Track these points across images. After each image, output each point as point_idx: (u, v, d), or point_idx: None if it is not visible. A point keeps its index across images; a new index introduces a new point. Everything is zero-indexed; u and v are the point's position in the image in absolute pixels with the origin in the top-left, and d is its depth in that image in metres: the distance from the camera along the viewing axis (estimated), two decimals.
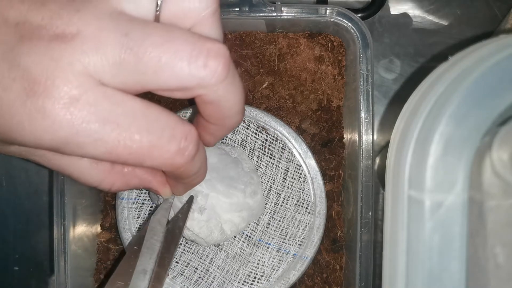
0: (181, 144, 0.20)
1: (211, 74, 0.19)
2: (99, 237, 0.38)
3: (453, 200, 0.19)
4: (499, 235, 0.20)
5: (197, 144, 0.21)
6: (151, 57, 0.18)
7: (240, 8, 0.33)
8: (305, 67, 0.37)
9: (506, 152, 0.19)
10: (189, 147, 0.21)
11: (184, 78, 0.19)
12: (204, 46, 0.19)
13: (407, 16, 0.42)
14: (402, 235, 0.21)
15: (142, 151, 0.19)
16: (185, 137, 0.20)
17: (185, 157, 0.21)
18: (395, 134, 0.22)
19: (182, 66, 0.19)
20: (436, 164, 0.20)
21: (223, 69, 0.20)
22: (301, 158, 0.35)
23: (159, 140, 0.20)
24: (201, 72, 0.19)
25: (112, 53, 0.18)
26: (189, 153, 0.21)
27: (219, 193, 0.31)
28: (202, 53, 0.19)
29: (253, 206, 0.33)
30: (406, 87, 0.41)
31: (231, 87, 0.21)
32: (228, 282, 0.35)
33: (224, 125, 0.23)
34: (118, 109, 0.19)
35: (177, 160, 0.20)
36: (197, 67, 0.19)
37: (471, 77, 0.19)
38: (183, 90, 0.20)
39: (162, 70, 0.19)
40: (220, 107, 0.21)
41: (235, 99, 0.21)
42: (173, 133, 0.20)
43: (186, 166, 0.21)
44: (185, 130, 0.20)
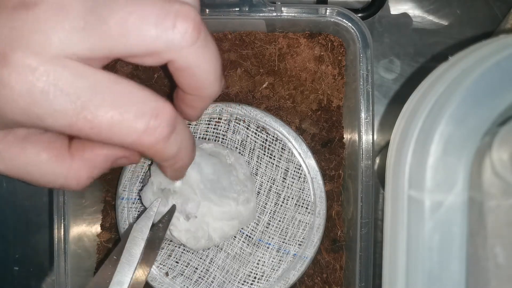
0: (150, 123, 0.19)
1: (179, 35, 0.18)
2: (99, 237, 0.38)
3: (453, 200, 0.19)
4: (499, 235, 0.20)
5: (171, 123, 0.19)
6: (117, 19, 0.18)
7: (240, 8, 0.33)
8: (305, 67, 0.37)
9: (506, 152, 0.19)
10: (160, 126, 0.19)
11: (152, 41, 0.18)
12: (172, 7, 0.18)
13: (407, 16, 0.42)
14: (402, 235, 0.21)
15: (105, 127, 0.18)
16: (155, 115, 0.19)
17: (154, 137, 0.19)
18: (395, 134, 0.22)
19: (149, 28, 0.18)
20: (436, 164, 0.20)
21: (193, 31, 0.19)
22: (301, 158, 0.35)
23: (124, 116, 0.18)
24: (169, 33, 0.18)
25: (75, 17, 0.17)
26: (160, 133, 0.19)
27: (211, 202, 0.31)
28: (170, 14, 0.18)
29: (244, 214, 0.33)
30: (406, 87, 0.41)
31: (203, 52, 0.19)
32: (228, 282, 0.35)
33: (201, 95, 0.22)
34: (79, 81, 0.18)
35: (145, 140, 0.19)
36: (164, 28, 0.18)
37: (471, 77, 0.19)
38: (152, 55, 0.19)
39: (128, 33, 0.18)
40: (193, 75, 0.20)
41: (209, 66, 0.20)
42: (142, 109, 0.18)
43: (157, 148, 0.20)
44: (156, 107, 0.19)
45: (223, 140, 0.36)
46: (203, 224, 0.32)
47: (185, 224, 0.31)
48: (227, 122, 0.36)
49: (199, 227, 0.32)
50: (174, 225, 0.31)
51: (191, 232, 0.32)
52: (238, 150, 0.36)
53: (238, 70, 0.37)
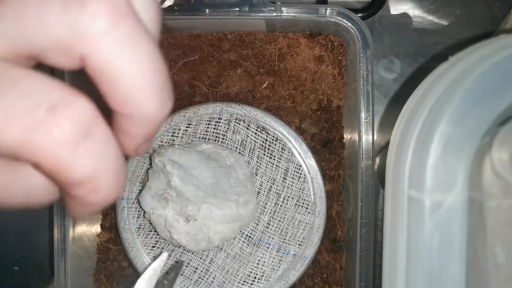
0: (46, 116, 0.13)
1: (89, 18, 0.13)
2: (99, 237, 0.38)
3: (453, 200, 0.19)
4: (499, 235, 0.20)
5: (80, 124, 0.13)
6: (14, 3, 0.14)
7: (240, 8, 0.33)
8: (305, 67, 0.37)
9: (506, 152, 0.19)
10: (62, 123, 0.13)
11: (55, 26, 0.14)
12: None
13: (407, 16, 0.42)
14: (402, 235, 0.21)
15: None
16: (54, 107, 0.13)
17: (50, 137, 0.13)
18: (395, 134, 0.22)
19: (52, 9, 0.13)
20: (436, 164, 0.20)
21: (108, 15, 0.14)
22: (301, 158, 0.35)
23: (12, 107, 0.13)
24: (76, 14, 0.13)
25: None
26: (60, 134, 0.13)
27: (211, 205, 0.31)
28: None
29: (245, 215, 0.33)
30: (406, 87, 0.41)
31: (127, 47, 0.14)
32: (228, 282, 0.35)
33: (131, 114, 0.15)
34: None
35: (35, 139, 0.13)
36: (70, 8, 0.13)
37: (471, 77, 0.19)
38: (62, 49, 0.14)
39: (27, 17, 0.14)
40: (113, 79, 0.14)
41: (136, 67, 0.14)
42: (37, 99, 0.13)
43: (57, 157, 0.13)
44: (59, 98, 0.13)
45: (223, 140, 0.36)
46: (203, 227, 0.32)
47: (184, 226, 0.31)
48: (227, 122, 0.36)
49: (199, 230, 0.32)
50: (174, 228, 0.31)
51: (191, 234, 0.32)
52: (238, 150, 0.36)
53: (238, 70, 0.37)
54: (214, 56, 0.38)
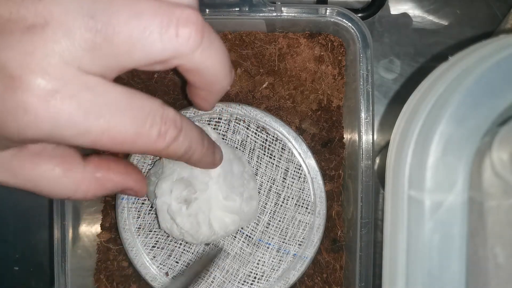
0: (161, 129, 0.20)
1: (184, 42, 0.19)
2: (99, 237, 0.38)
3: (453, 200, 0.19)
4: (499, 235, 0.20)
5: (177, 126, 0.21)
6: (121, 37, 0.18)
7: (240, 8, 0.33)
8: (305, 67, 0.37)
9: (506, 152, 0.19)
10: (169, 131, 0.21)
11: (158, 52, 0.19)
12: (173, 15, 0.19)
13: (407, 16, 0.42)
14: (402, 235, 0.21)
15: (126, 140, 0.19)
16: (164, 122, 0.21)
17: (166, 140, 0.21)
18: (395, 134, 0.22)
19: (154, 40, 0.18)
20: (436, 164, 0.20)
21: (196, 36, 0.19)
22: (301, 158, 0.35)
23: (142, 128, 0.20)
24: (173, 42, 0.19)
25: (82, 38, 0.17)
26: (170, 136, 0.21)
27: (219, 188, 0.31)
28: (172, 23, 0.19)
29: (247, 212, 0.33)
30: (406, 87, 0.41)
31: (208, 53, 0.20)
32: (228, 282, 0.35)
33: (212, 90, 0.23)
34: (100, 99, 0.18)
35: (159, 144, 0.21)
36: (168, 38, 0.19)
37: (471, 77, 0.19)
38: (160, 63, 0.20)
39: (135, 48, 0.18)
40: (202, 74, 0.21)
41: (216, 64, 0.21)
42: (154, 118, 0.20)
43: (170, 149, 0.21)
44: (163, 114, 0.21)
45: (223, 140, 0.36)
46: (204, 207, 0.32)
47: (186, 212, 0.31)
48: (227, 122, 0.36)
49: (199, 210, 0.32)
50: (177, 213, 0.31)
51: (192, 216, 0.31)
52: (238, 150, 0.36)
53: (238, 70, 0.37)
54: None
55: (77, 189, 0.22)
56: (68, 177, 0.22)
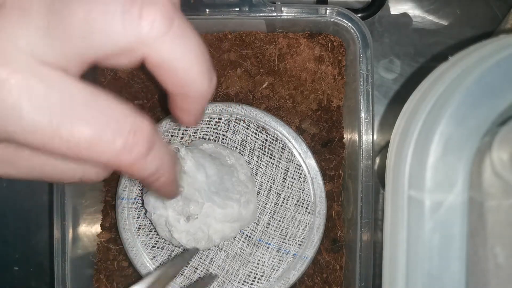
0: (128, 140, 0.17)
1: (148, 25, 0.17)
2: (99, 237, 0.38)
3: (453, 200, 0.19)
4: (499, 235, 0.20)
5: (149, 140, 0.18)
6: (78, 17, 0.16)
7: (240, 8, 0.33)
8: (305, 67, 0.37)
9: (506, 152, 0.19)
10: (138, 144, 0.18)
11: (119, 37, 0.17)
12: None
13: (407, 16, 0.42)
14: (402, 235, 0.21)
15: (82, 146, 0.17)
16: (133, 132, 0.17)
17: (133, 155, 0.18)
18: (395, 134, 0.22)
19: (114, 22, 0.16)
20: (436, 164, 0.20)
21: (162, 19, 0.17)
22: (301, 158, 0.35)
23: (102, 134, 0.17)
24: (136, 24, 0.16)
25: (38, 19, 0.16)
26: (138, 151, 0.18)
27: (214, 203, 0.31)
28: (135, 3, 0.16)
29: (245, 216, 0.33)
30: (406, 87, 0.41)
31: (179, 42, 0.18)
32: (228, 282, 0.35)
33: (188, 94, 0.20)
34: (54, 94, 0.16)
35: (123, 158, 0.18)
36: (130, 19, 0.16)
37: (471, 77, 0.19)
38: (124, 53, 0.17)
39: (93, 31, 0.16)
40: (172, 70, 0.18)
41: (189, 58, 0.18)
42: (120, 126, 0.17)
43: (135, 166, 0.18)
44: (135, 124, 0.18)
45: (223, 140, 0.36)
46: (203, 226, 0.32)
47: (185, 225, 0.31)
48: (227, 122, 0.36)
49: (198, 228, 0.32)
50: (174, 227, 0.31)
51: (191, 233, 0.32)
52: (238, 150, 0.36)
53: (238, 70, 0.37)
54: (214, 56, 0.38)
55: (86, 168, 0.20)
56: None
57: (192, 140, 0.36)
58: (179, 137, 0.36)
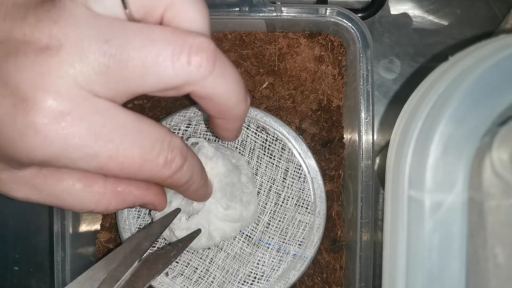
0: (168, 157, 0.20)
1: (195, 70, 0.19)
2: (99, 237, 0.38)
3: (453, 200, 0.19)
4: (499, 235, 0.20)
5: (183, 155, 0.21)
6: (134, 63, 0.18)
7: (240, 8, 0.33)
8: (305, 67, 0.37)
9: (506, 152, 0.19)
10: (175, 159, 0.21)
11: (170, 78, 0.19)
12: (185, 42, 0.19)
13: (407, 16, 0.42)
14: (402, 235, 0.21)
15: (134, 166, 0.19)
16: (171, 149, 0.21)
17: (172, 168, 0.21)
18: (395, 134, 0.22)
19: (166, 67, 0.19)
20: (436, 164, 0.20)
21: (207, 63, 0.19)
22: (301, 158, 0.35)
23: (150, 155, 0.20)
24: (185, 69, 0.19)
25: (96, 62, 0.18)
26: (176, 164, 0.21)
27: (218, 201, 0.31)
28: (184, 50, 0.19)
29: (246, 216, 0.33)
30: (406, 87, 0.41)
31: (221, 79, 0.20)
32: (228, 282, 0.35)
33: (229, 117, 0.23)
34: (110, 124, 0.18)
35: (165, 172, 0.21)
36: (181, 65, 0.19)
37: (471, 77, 0.19)
38: (173, 89, 0.20)
39: (147, 74, 0.18)
40: (215, 101, 0.21)
41: (229, 91, 0.21)
42: (162, 146, 0.20)
43: (174, 177, 0.21)
44: (170, 142, 0.21)
45: (223, 141, 0.36)
46: (203, 221, 0.32)
47: (186, 223, 0.31)
48: None
49: (199, 224, 0.32)
50: (176, 225, 0.31)
51: (192, 229, 0.32)
52: (238, 150, 0.36)
53: (238, 70, 0.37)
54: None
55: (99, 203, 0.23)
56: (90, 191, 0.22)
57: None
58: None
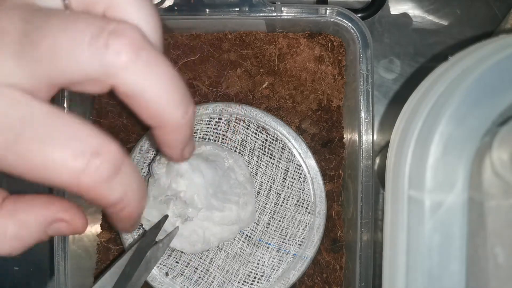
0: (89, 161, 0.17)
1: (113, 55, 0.16)
2: (99, 237, 0.38)
3: (453, 200, 0.19)
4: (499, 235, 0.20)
5: (114, 163, 0.17)
6: (47, 42, 0.16)
7: (240, 8, 0.33)
8: (305, 67, 0.37)
9: (506, 152, 0.19)
10: (101, 166, 0.17)
11: (85, 64, 0.16)
12: (108, 26, 0.17)
13: (407, 16, 0.42)
14: (402, 235, 0.21)
15: (39, 163, 0.16)
16: (96, 153, 0.17)
17: (94, 178, 0.17)
18: (395, 134, 0.22)
19: (82, 50, 0.16)
20: (436, 164, 0.20)
21: (129, 50, 0.17)
22: (301, 158, 0.35)
23: (60, 153, 0.16)
24: (102, 53, 0.16)
25: (11, 41, 0.16)
26: (101, 174, 0.17)
27: (212, 207, 0.31)
28: (103, 33, 0.16)
29: (244, 217, 0.33)
30: (406, 87, 0.41)
31: (147, 72, 0.17)
32: (228, 282, 0.35)
33: (163, 125, 0.19)
34: (14, 111, 0.16)
35: (84, 180, 0.17)
36: (97, 49, 0.16)
37: (471, 77, 0.19)
38: (92, 81, 0.17)
39: (60, 57, 0.16)
40: (142, 101, 0.18)
41: (158, 89, 0.18)
42: (81, 146, 0.17)
43: (98, 190, 0.17)
44: (98, 145, 0.17)
45: (223, 140, 0.36)
46: (197, 228, 0.32)
47: (180, 228, 0.31)
48: (227, 122, 0.36)
49: (192, 231, 0.32)
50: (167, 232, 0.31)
51: (185, 236, 0.31)
52: (238, 150, 0.36)
53: (238, 70, 0.37)
54: (214, 56, 0.38)
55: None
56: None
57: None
58: None
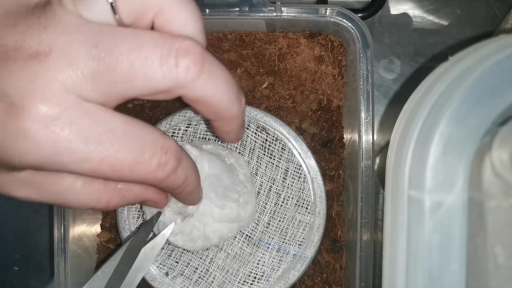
0: (161, 159, 0.21)
1: (184, 73, 0.19)
2: (99, 237, 0.38)
3: (453, 200, 0.19)
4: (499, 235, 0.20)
5: (177, 157, 0.22)
6: (123, 66, 0.18)
7: (240, 8, 0.33)
8: (305, 67, 0.37)
9: (506, 152, 0.19)
10: (169, 161, 0.21)
11: (159, 82, 0.19)
12: (173, 46, 0.19)
13: (407, 16, 0.42)
14: (402, 235, 0.21)
15: (125, 168, 0.20)
16: (165, 152, 0.21)
17: (165, 171, 0.21)
18: (395, 134, 0.22)
19: (154, 70, 0.19)
20: (436, 164, 0.20)
21: (195, 66, 0.20)
22: (301, 158, 0.35)
23: (141, 157, 0.20)
24: (173, 72, 0.19)
25: (85, 66, 0.18)
26: (170, 167, 0.21)
27: (212, 202, 0.31)
28: (171, 54, 0.19)
29: (244, 217, 0.33)
30: (406, 87, 0.42)
31: (210, 82, 0.21)
32: (228, 282, 0.35)
33: (224, 118, 0.23)
34: (99, 127, 0.19)
35: (158, 174, 0.21)
36: (168, 68, 0.19)
37: (471, 77, 0.19)
38: (162, 93, 0.20)
39: (135, 77, 0.19)
40: (207, 103, 0.21)
41: (220, 92, 0.21)
42: (154, 148, 0.20)
43: (168, 179, 0.22)
44: (165, 145, 0.21)
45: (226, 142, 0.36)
46: (198, 224, 0.32)
47: (179, 226, 0.31)
48: None
49: (193, 227, 0.32)
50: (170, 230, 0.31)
51: (186, 233, 0.32)
52: (238, 150, 0.36)
53: (238, 70, 0.37)
54: (214, 56, 0.37)
55: (99, 200, 0.23)
56: (90, 189, 0.22)
57: (192, 140, 0.36)
58: (179, 137, 0.36)
